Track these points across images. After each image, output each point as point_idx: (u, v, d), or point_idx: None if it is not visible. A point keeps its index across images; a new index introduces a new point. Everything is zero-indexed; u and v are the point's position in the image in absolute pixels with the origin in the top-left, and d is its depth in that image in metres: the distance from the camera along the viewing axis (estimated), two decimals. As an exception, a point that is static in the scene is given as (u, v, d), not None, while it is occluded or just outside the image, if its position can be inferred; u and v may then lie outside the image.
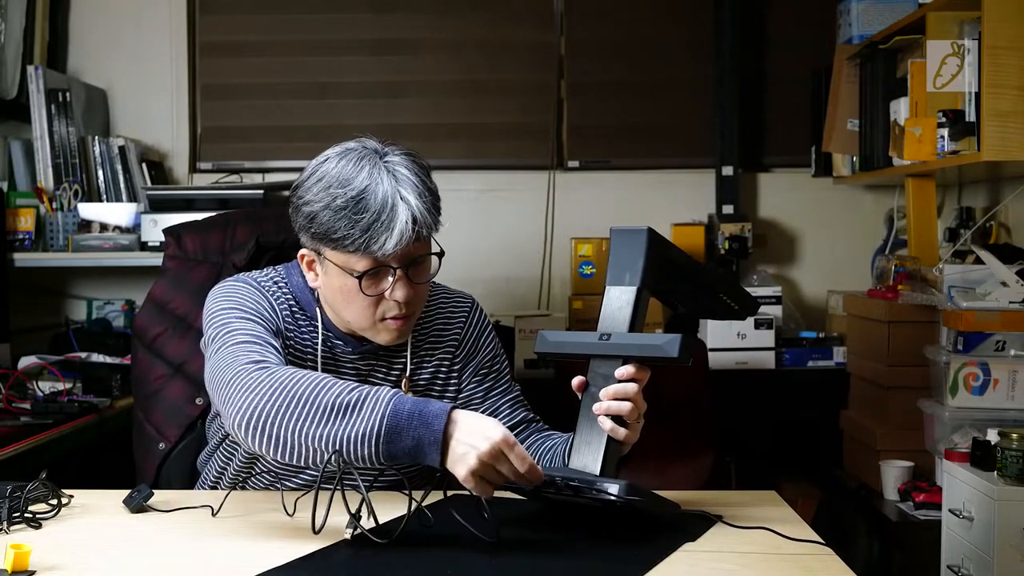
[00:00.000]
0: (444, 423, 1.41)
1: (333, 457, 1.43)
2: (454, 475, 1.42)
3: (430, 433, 1.41)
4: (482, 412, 1.84)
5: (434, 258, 1.69)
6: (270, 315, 1.70)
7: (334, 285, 1.67)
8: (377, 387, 1.48)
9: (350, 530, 1.42)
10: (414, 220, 1.60)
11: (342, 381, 1.50)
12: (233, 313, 1.67)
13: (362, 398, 1.45)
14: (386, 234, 1.59)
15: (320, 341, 1.74)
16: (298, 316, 1.75)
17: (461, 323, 1.87)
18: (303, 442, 1.45)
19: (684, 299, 1.71)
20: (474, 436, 1.42)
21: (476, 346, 1.88)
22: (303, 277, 1.75)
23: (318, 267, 1.69)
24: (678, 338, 1.48)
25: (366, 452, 1.43)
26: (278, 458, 1.47)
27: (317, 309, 1.75)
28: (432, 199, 1.65)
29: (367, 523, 1.42)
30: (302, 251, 1.71)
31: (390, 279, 1.64)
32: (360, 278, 1.63)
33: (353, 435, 1.43)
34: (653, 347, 1.50)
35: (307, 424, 1.44)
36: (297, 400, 1.46)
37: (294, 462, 1.47)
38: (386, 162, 1.63)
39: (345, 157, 1.64)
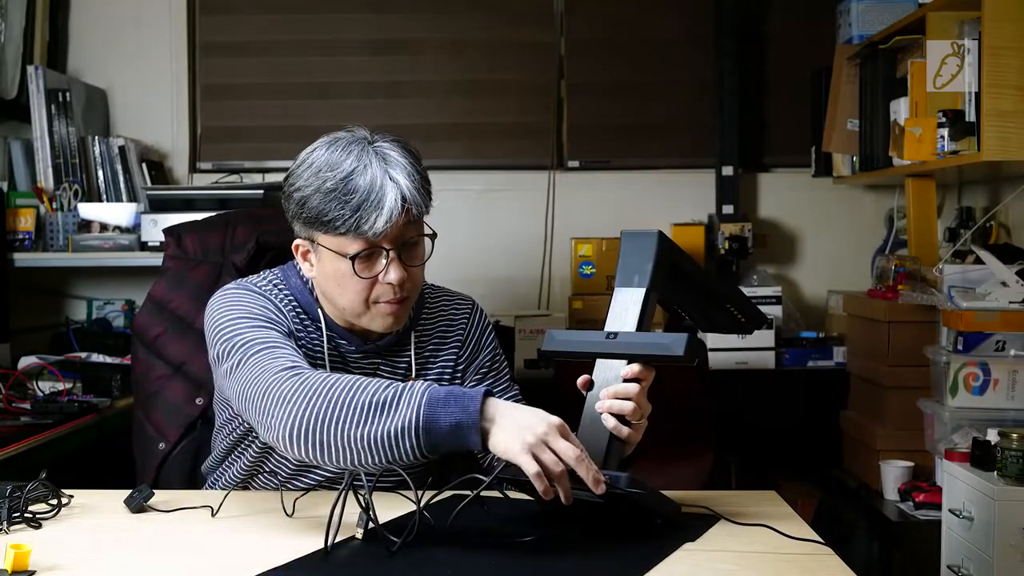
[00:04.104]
0: (480, 402, 1.40)
1: (377, 456, 1.41)
2: (505, 459, 1.40)
3: (467, 415, 1.39)
4: None
5: (428, 241, 1.69)
6: (279, 317, 1.69)
7: (328, 271, 1.66)
8: (412, 382, 1.47)
9: (361, 528, 1.42)
10: (403, 199, 1.61)
11: (376, 380, 1.48)
12: (242, 324, 1.65)
13: (398, 393, 1.43)
14: (376, 213, 1.59)
15: (325, 340, 1.73)
16: (302, 318, 1.74)
17: (464, 324, 1.88)
18: (348, 444, 1.42)
19: (691, 308, 1.70)
20: (521, 414, 1.42)
21: (478, 346, 1.89)
22: (300, 279, 1.75)
23: (312, 256, 1.69)
24: (684, 337, 1.48)
25: (408, 445, 1.40)
26: (329, 463, 1.45)
27: (319, 310, 1.74)
28: (422, 180, 1.65)
29: (366, 525, 1.42)
30: (296, 241, 1.71)
31: (383, 261, 1.64)
32: (353, 259, 1.62)
33: (393, 430, 1.40)
34: (659, 346, 1.50)
35: (349, 426, 1.42)
36: (335, 404, 1.44)
37: (344, 465, 1.45)
38: (375, 147, 1.65)
39: (334, 144, 1.67)
